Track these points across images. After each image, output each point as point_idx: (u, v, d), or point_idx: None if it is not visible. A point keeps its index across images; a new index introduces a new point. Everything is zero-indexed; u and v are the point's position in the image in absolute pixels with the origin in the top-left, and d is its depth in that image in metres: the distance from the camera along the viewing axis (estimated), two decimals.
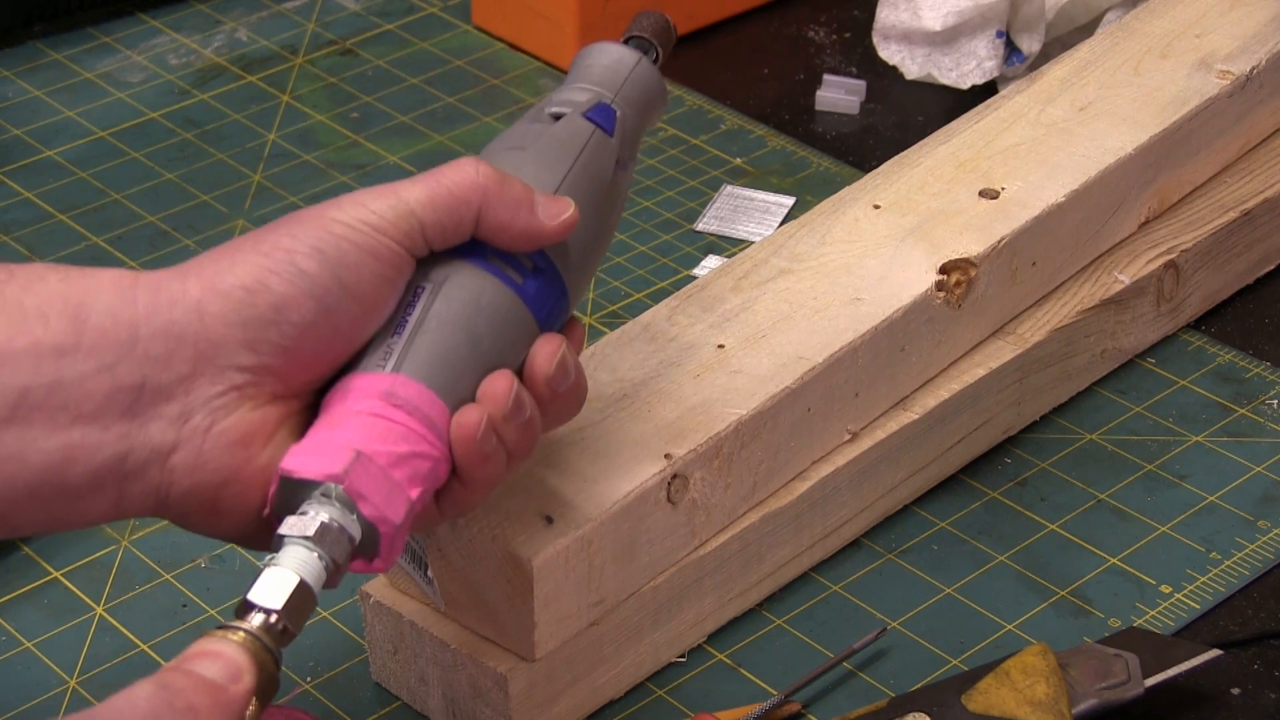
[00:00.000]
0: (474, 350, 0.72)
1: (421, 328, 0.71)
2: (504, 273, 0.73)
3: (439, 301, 0.72)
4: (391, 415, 0.69)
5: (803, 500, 0.90)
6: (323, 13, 1.36)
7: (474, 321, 0.72)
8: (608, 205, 0.78)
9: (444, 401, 0.71)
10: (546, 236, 0.74)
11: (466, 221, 0.73)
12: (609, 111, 0.79)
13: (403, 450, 0.69)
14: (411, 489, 0.69)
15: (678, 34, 0.82)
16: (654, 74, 0.81)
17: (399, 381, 0.70)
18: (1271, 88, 1.10)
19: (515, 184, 0.73)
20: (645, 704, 0.86)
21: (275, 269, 0.70)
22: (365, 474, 0.68)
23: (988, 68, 1.23)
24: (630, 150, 0.80)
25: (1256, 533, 0.94)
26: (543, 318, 0.75)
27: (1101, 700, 0.82)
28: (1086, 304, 1.00)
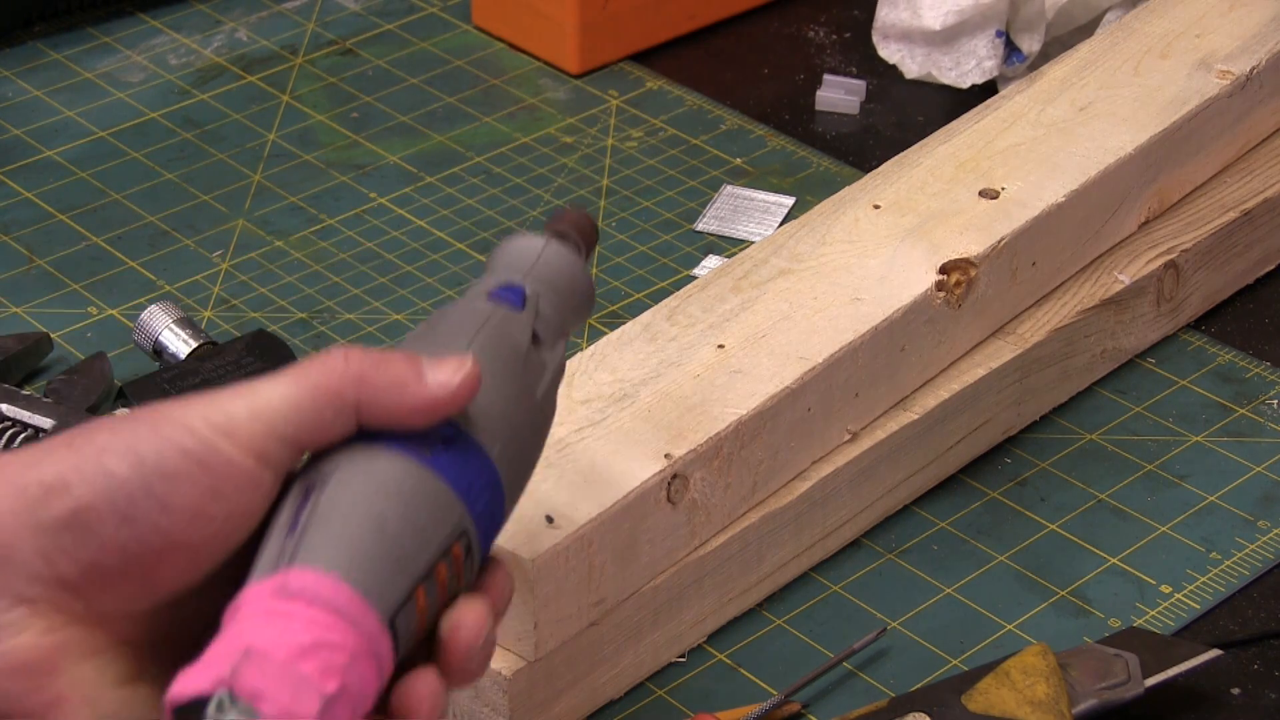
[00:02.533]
0: (381, 532, 0.61)
1: (313, 519, 0.61)
2: (406, 447, 0.64)
3: (331, 487, 0.62)
4: (287, 610, 0.59)
5: (803, 500, 0.90)
6: (323, 13, 1.36)
7: (375, 502, 0.62)
8: (528, 379, 0.69)
9: (355, 590, 0.60)
10: (445, 403, 0.64)
11: (344, 416, 0.63)
12: (516, 289, 0.71)
13: (305, 641, 0.58)
14: (326, 682, 0.58)
15: (596, 233, 0.76)
16: (570, 257, 0.74)
17: (291, 575, 0.60)
18: (1271, 88, 1.10)
19: (395, 360, 0.64)
20: (645, 704, 0.86)
21: (80, 467, 0.60)
22: (259, 671, 0.57)
23: (988, 67, 1.23)
24: (551, 331, 0.71)
25: (1256, 533, 0.94)
26: (465, 490, 0.65)
27: (1101, 700, 0.82)
28: (1086, 304, 1.00)
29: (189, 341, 1.02)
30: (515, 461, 0.68)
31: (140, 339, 1.03)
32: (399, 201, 1.17)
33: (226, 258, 1.13)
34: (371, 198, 1.18)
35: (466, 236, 1.14)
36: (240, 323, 1.08)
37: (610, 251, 1.13)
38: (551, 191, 1.18)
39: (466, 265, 1.12)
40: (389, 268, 1.12)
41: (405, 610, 0.61)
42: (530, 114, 1.25)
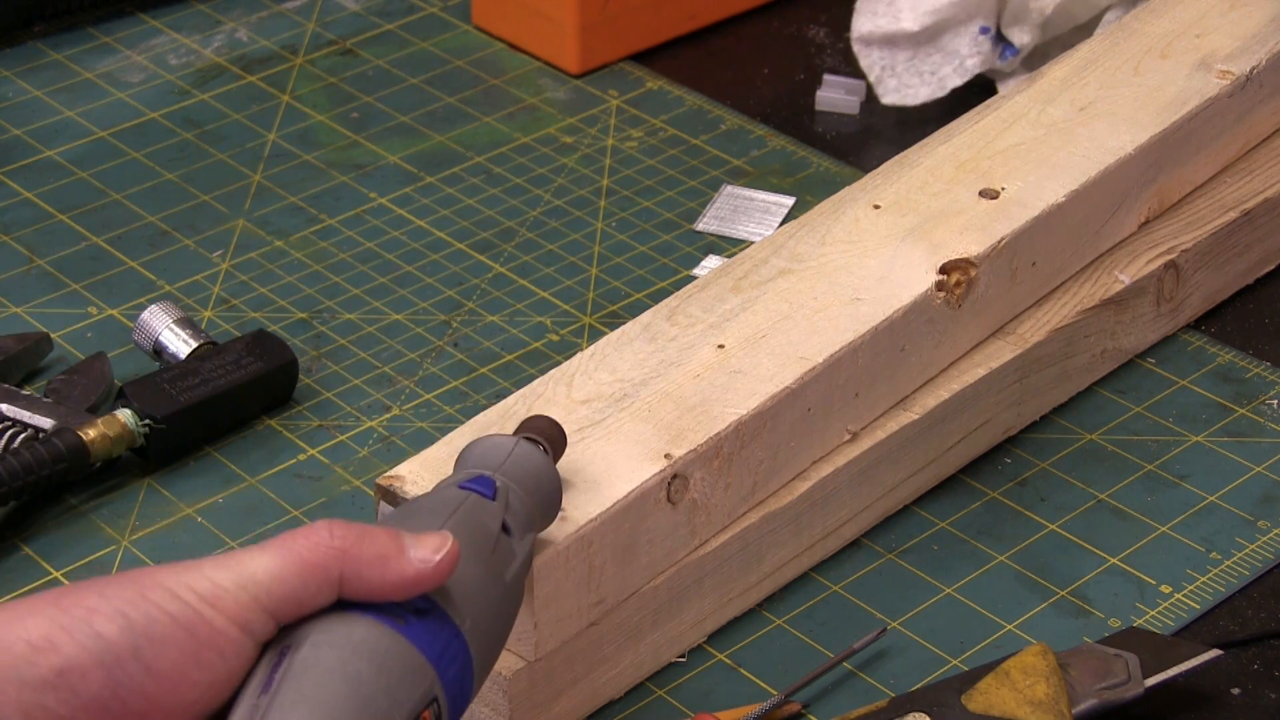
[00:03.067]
0: (356, 691, 0.62)
1: (287, 679, 0.62)
2: (381, 615, 0.65)
3: (306, 649, 0.63)
4: None
5: (803, 500, 0.90)
6: (323, 13, 1.36)
7: (349, 662, 0.63)
8: (498, 564, 0.71)
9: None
10: (427, 578, 0.66)
11: (326, 588, 0.65)
12: (487, 480, 0.74)
13: None
14: None
15: (564, 439, 0.79)
16: (539, 456, 0.77)
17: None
18: (1271, 88, 1.10)
19: (378, 536, 0.66)
20: (645, 704, 0.86)
21: (68, 627, 0.61)
22: None
23: (969, 66, 1.22)
24: (520, 524, 0.73)
25: (1256, 533, 0.94)
26: (436, 659, 0.66)
27: (1101, 700, 0.82)
28: (1086, 304, 1.00)
29: (189, 341, 1.02)
30: (484, 639, 0.69)
31: (140, 339, 1.03)
32: (399, 201, 1.18)
33: (226, 258, 1.13)
34: (371, 198, 1.18)
35: (466, 236, 1.14)
36: (240, 323, 1.08)
37: (610, 251, 1.13)
38: (551, 191, 1.18)
39: (466, 265, 1.12)
40: (389, 268, 1.12)
41: None
42: (530, 114, 1.25)
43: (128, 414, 0.97)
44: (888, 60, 1.25)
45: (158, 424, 0.97)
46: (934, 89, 1.24)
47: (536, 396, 0.87)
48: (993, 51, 1.22)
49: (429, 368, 1.05)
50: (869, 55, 1.25)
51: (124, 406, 0.97)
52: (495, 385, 1.03)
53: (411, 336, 1.07)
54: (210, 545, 0.94)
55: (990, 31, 1.22)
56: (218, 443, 1.00)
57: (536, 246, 1.14)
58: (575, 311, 1.09)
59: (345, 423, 1.01)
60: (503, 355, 1.06)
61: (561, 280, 1.11)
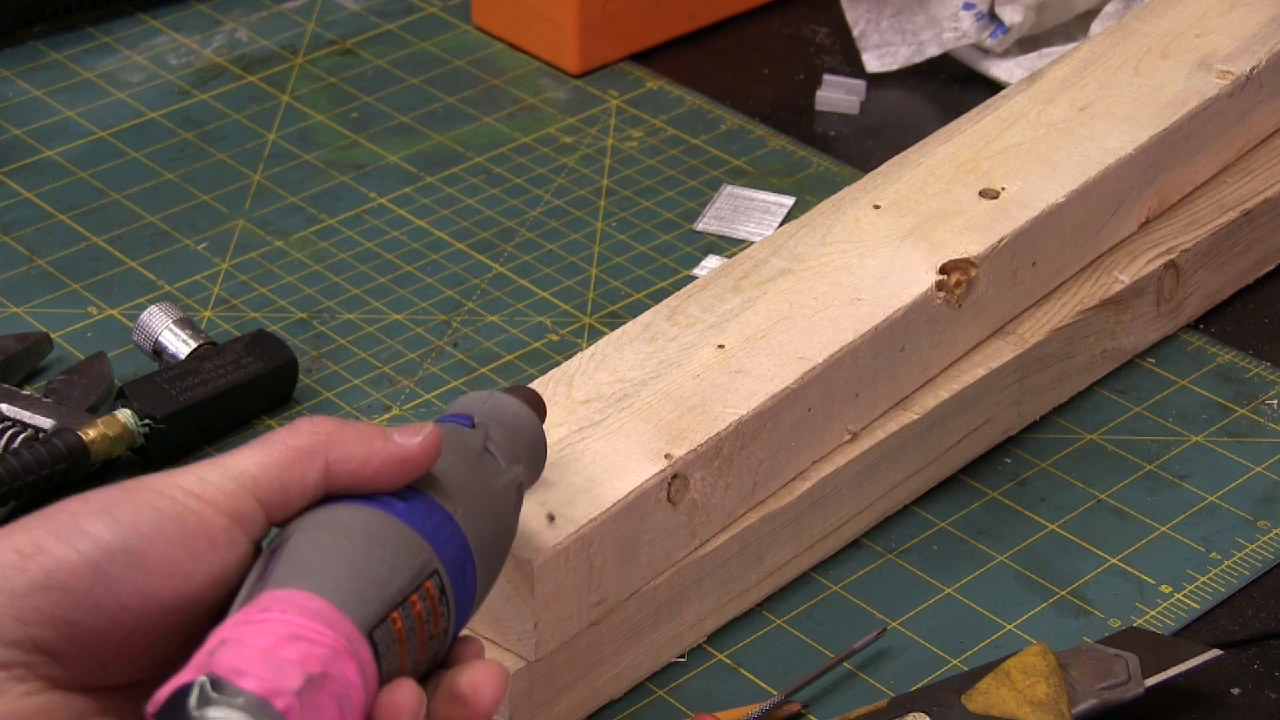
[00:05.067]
0: (350, 560, 0.62)
1: (280, 558, 0.62)
2: (367, 501, 0.65)
3: (297, 535, 0.63)
4: (262, 618, 0.59)
5: (803, 500, 0.90)
6: (323, 13, 1.36)
7: (341, 540, 0.63)
8: (484, 473, 0.71)
9: (329, 601, 0.60)
10: (412, 459, 0.66)
11: (312, 474, 0.64)
12: (465, 416, 0.74)
13: (284, 633, 0.58)
14: (305, 664, 0.57)
15: (545, 404, 0.80)
16: (517, 403, 0.76)
17: (264, 598, 0.60)
18: (1271, 88, 1.10)
19: (361, 424, 0.66)
20: (645, 704, 0.86)
21: (55, 531, 0.61)
22: (237, 654, 0.57)
23: (946, 39, 1.23)
24: (504, 453, 0.73)
25: (1256, 533, 0.94)
26: (430, 535, 0.66)
27: (1101, 700, 0.82)
28: (1086, 304, 1.00)
29: (189, 341, 1.02)
30: (480, 535, 0.69)
31: (140, 339, 1.03)
32: (399, 201, 1.18)
33: (226, 258, 1.13)
34: (371, 198, 1.18)
35: (466, 236, 1.14)
36: (240, 323, 1.08)
37: (610, 251, 1.13)
38: (551, 191, 1.18)
39: (466, 265, 1.12)
40: (389, 268, 1.12)
41: (382, 629, 0.62)
42: (530, 114, 1.25)
43: (128, 414, 0.97)
44: (873, 14, 1.25)
45: (158, 424, 0.97)
46: (913, 52, 1.24)
47: None
48: (978, 29, 1.22)
49: (429, 368, 1.05)
50: (855, 8, 1.25)
51: (124, 406, 0.97)
52: (495, 385, 1.03)
53: (411, 336, 1.07)
54: None
55: (975, 9, 1.22)
56: (218, 443, 1.00)
57: (536, 246, 1.14)
58: (575, 311, 1.09)
59: None
60: (503, 355, 1.06)
61: (561, 280, 1.11)
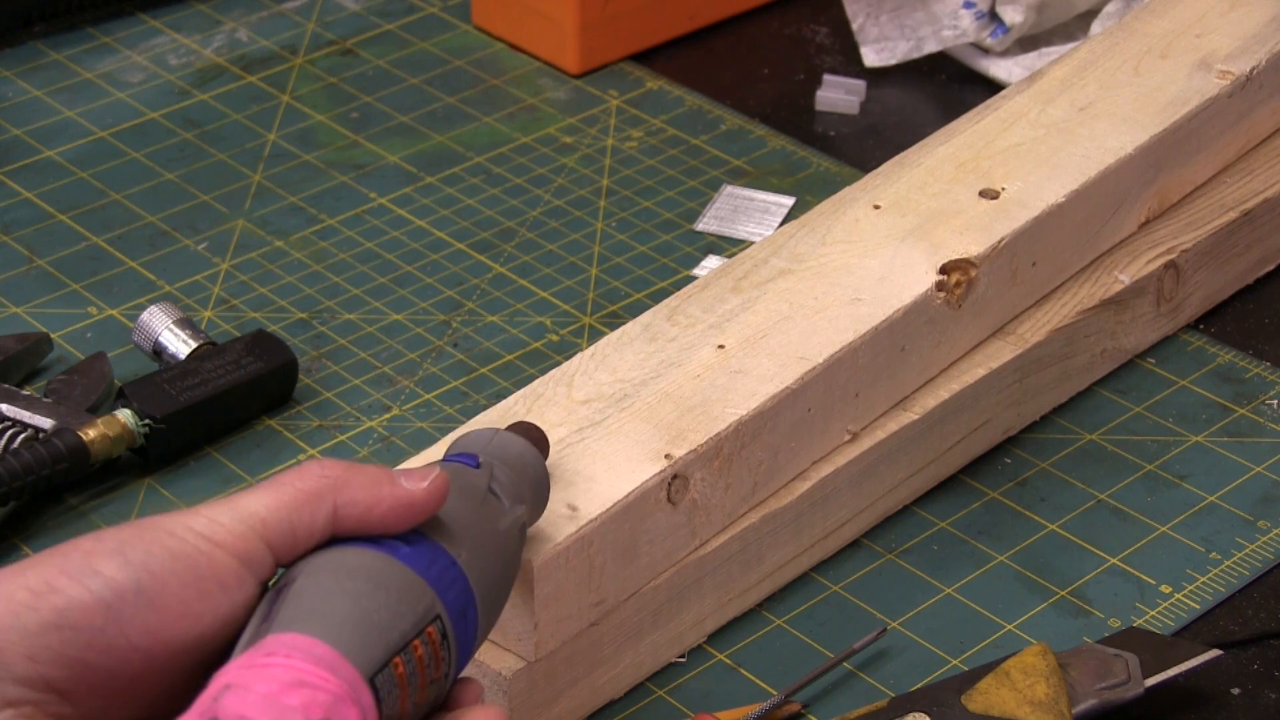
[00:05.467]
0: (355, 603, 0.63)
1: (285, 601, 0.63)
2: (373, 545, 0.66)
3: (303, 577, 0.64)
4: (266, 662, 0.60)
5: (803, 500, 0.90)
6: (323, 13, 1.36)
7: (346, 583, 0.64)
8: (488, 514, 0.72)
9: (332, 646, 0.61)
10: (419, 504, 0.67)
11: (320, 518, 0.65)
12: (470, 456, 0.75)
13: (288, 679, 0.59)
14: (311, 712, 0.59)
15: (548, 442, 0.80)
16: (522, 442, 0.77)
17: (268, 642, 0.61)
18: (1271, 88, 1.10)
19: (370, 468, 0.67)
20: (645, 704, 0.86)
21: (68, 570, 0.62)
22: (241, 700, 0.58)
23: (944, 36, 1.23)
24: (508, 493, 0.74)
25: (1256, 533, 0.94)
26: (434, 579, 0.66)
27: (1101, 700, 0.82)
28: (1086, 304, 1.00)
29: (189, 341, 1.02)
30: (484, 578, 0.70)
31: (140, 339, 1.03)
32: (399, 201, 1.18)
33: (226, 258, 1.13)
34: (371, 198, 1.18)
35: (466, 236, 1.14)
36: (240, 323, 1.08)
37: (610, 251, 1.13)
38: (551, 191, 1.18)
39: (466, 265, 1.12)
40: (389, 268, 1.12)
41: (384, 674, 0.62)
42: (530, 114, 1.25)
43: (128, 414, 0.97)
44: (873, 9, 1.25)
45: (158, 424, 0.97)
46: (911, 48, 1.24)
47: (536, 396, 0.87)
48: (978, 28, 1.23)
49: (429, 368, 1.05)
50: (855, 3, 1.25)
51: (124, 406, 0.97)
52: (495, 385, 1.03)
53: (411, 336, 1.07)
54: None
55: (975, 8, 1.22)
56: (218, 443, 1.00)
57: (536, 246, 1.14)
58: (575, 311, 1.09)
59: (345, 423, 1.01)
60: (503, 355, 1.06)
61: (561, 280, 1.11)
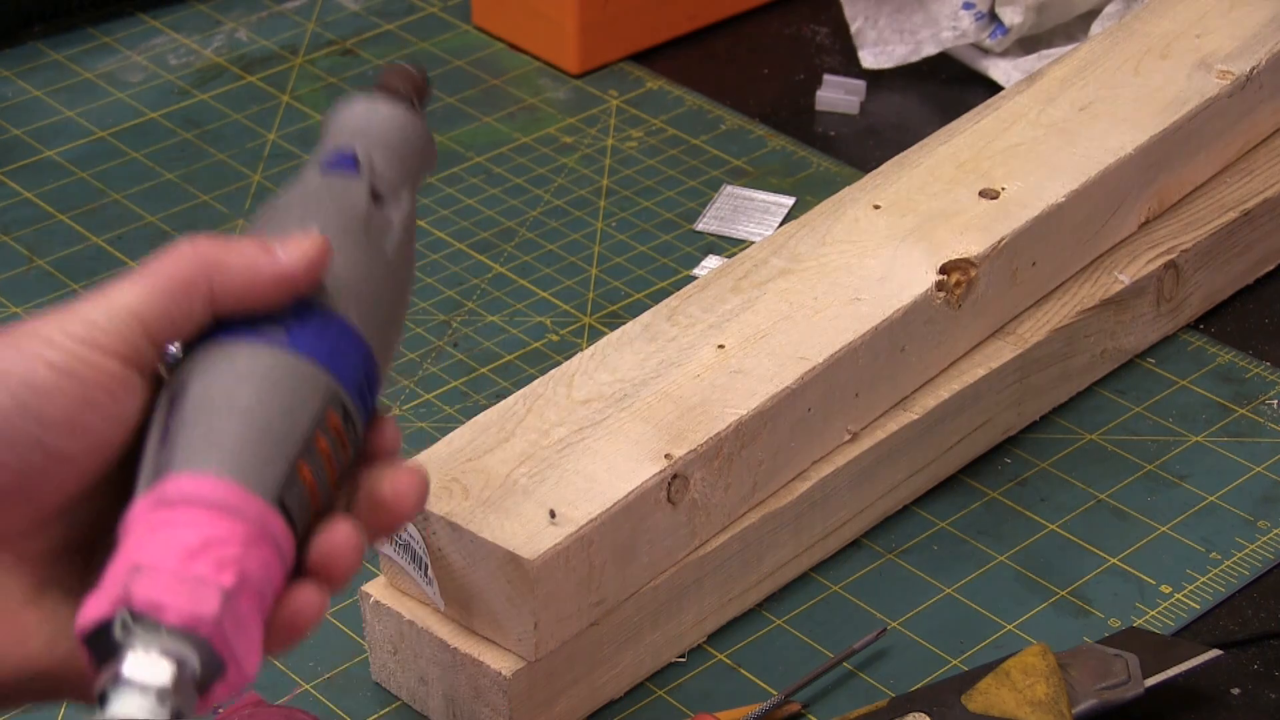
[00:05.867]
0: (248, 420, 0.62)
1: (180, 424, 0.61)
2: (261, 334, 0.64)
3: (193, 389, 0.62)
4: (168, 518, 0.59)
5: (803, 500, 0.90)
6: (323, 13, 1.36)
7: (237, 393, 0.62)
8: (375, 241, 0.69)
9: (232, 481, 0.60)
10: (299, 276, 0.64)
11: (198, 302, 0.63)
12: (347, 155, 0.71)
13: (192, 543, 0.58)
14: (220, 576, 0.58)
15: (429, 85, 0.76)
16: (400, 111, 0.73)
17: (166, 484, 0.60)
18: (1271, 88, 1.10)
19: (243, 243, 0.64)
20: (645, 704, 0.86)
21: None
22: (151, 583, 0.57)
23: (944, 38, 1.23)
24: (391, 187, 0.71)
25: (1256, 533, 0.94)
26: (329, 360, 0.65)
27: (1101, 700, 0.82)
28: (1086, 304, 1.00)
29: None
30: (379, 323, 0.67)
31: None
32: None
33: None
34: None
35: (466, 236, 1.14)
36: None
37: (610, 251, 1.13)
38: (551, 191, 1.18)
39: (466, 265, 1.12)
40: None
41: (291, 488, 0.61)
42: (530, 114, 1.25)
43: None
44: (871, 11, 1.25)
45: None
46: (910, 50, 1.24)
47: (536, 396, 0.87)
48: (978, 29, 1.23)
49: (429, 368, 1.05)
50: (854, 5, 1.25)
51: None
52: (495, 385, 1.03)
53: (411, 336, 1.07)
54: None
55: (975, 9, 1.22)
56: None
57: (536, 246, 1.14)
58: (575, 311, 1.09)
59: None
60: (503, 355, 1.06)
61: (561, 280, 1.11)
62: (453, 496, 0.82)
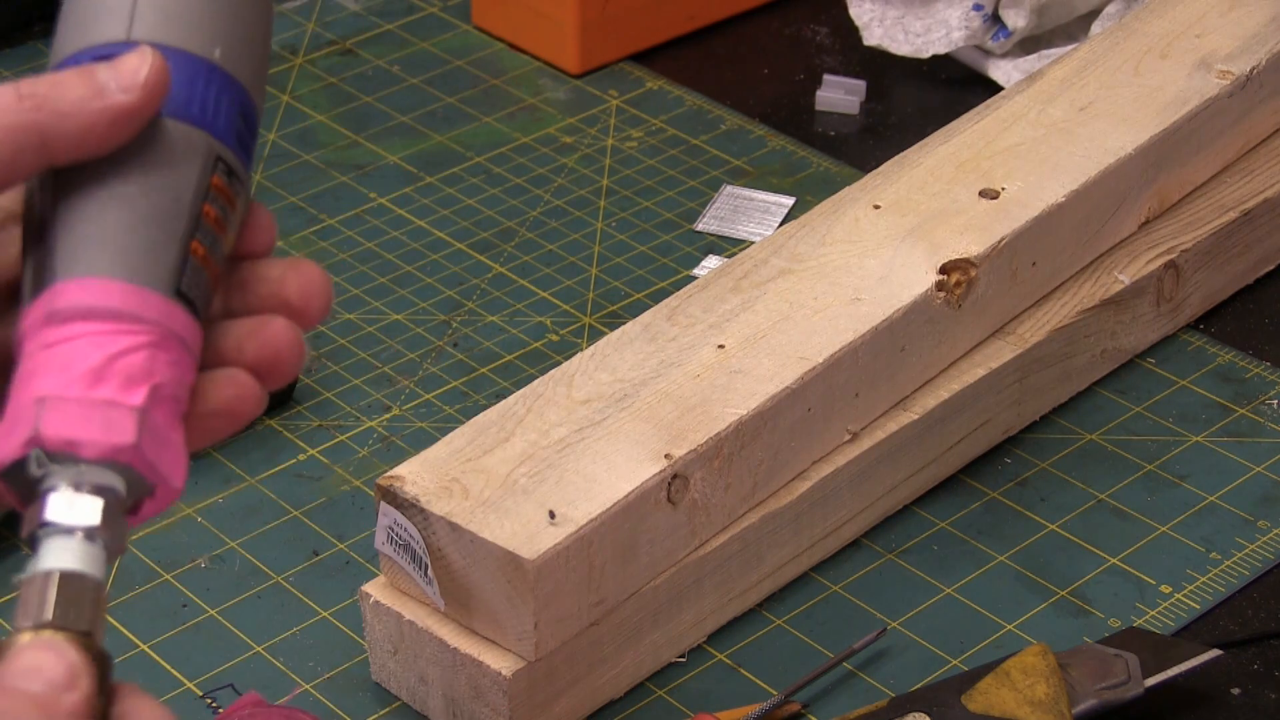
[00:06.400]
0: (129, 207, 0.57)
1: (54, 228, 0.57)
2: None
3: (67, 184, 0.58)
4: (62, 335, 0.56)
5: (803, 500, 0.90)
6: (323, 13, 1.36)
7: (110, 179, 0.57)
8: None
9: (123, 281, 0.56)
10: (137, 109, 0.57)
11: (30, 154, 0.57)
12: None
13: (95, 363, 0.56)
14: (130, 394, 0.56)
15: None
16: None
17: (55, 296, 0.56)
18: (1271, 88, 1.10)
19: (69, 80, 0.57)
20: (645, 704, 0.86)
21: None
22: (60, 417, 0.55)
23: (954, 39, 1.23)
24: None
25: (1256, 533, 0.94)
26: (199, 115, 0.59)
27: (1101, 700, 0.82)
28: (1086, 304, 1.00)
29: None
30: (247, 49, 0.61)
31: None
32: (399, 201, 1.18)
33: None
34: (371, 198, 1.18)
35: (466, 236, 1.15)
36: None
37: (610, 251, 1.13)
38: (551, 191, 1.18)
39: (466, 265, 1.12)
40: (389, 268, 1.12)
41: (187, 271, 0.58)
42: (530, 114, 1.25)
43: None
44: (878, 11, 1.25)
45: None
46: (915, 49, 1.24)
47: (536, 396, 0.87)
48: (984, 30, 1.23)
49: (429, 368, 1.05)
50: (860, 3, 1.25)
51: None
52: (495, 385, 1.03)
53: (411, 336, 1.07)
54: (210, 545, 0.94)
55: (984, 10, 1.22)
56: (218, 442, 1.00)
57: (536, 246, 1.14)
58: (575, 311, 1.09)
59: (345, 423, 1.01)
60: (503, 355, 1.06)
61: (561, 280, 1.11)
62: (453, 496, 0.82)
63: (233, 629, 0.90)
